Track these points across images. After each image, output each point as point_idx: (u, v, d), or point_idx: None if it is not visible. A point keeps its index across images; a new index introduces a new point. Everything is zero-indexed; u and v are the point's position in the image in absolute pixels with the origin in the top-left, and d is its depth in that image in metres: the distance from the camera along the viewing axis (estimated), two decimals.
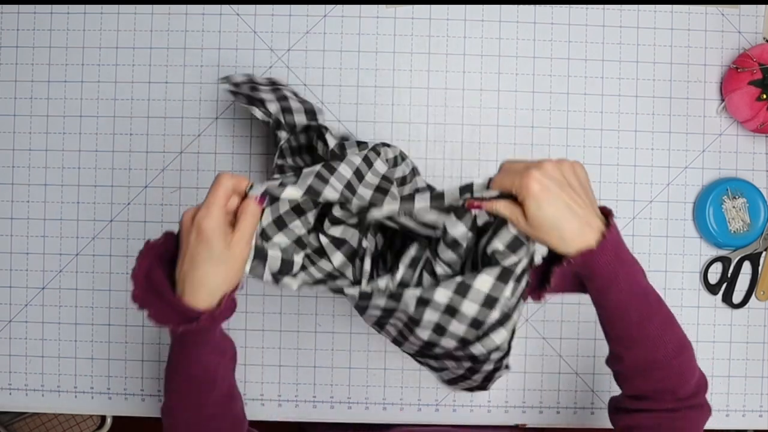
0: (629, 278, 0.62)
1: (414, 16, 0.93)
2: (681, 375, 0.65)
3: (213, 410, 0.67)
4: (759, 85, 0.87)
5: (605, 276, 0.61)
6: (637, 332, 0.64)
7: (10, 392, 0.94)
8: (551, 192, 0.59)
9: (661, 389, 0.65)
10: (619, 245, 0.62)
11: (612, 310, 0.64)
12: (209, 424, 0.68)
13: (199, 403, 0.66)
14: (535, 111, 0.93)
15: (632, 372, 0.67)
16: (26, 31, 0.93)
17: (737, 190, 0.92)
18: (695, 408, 0.67)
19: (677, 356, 0.65)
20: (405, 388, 0.93)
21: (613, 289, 0.62)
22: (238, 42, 0.93)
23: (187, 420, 0.67)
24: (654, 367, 0.65)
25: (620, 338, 0.66)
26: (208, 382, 0.66)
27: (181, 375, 0.66)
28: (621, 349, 0.66)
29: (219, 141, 0.93)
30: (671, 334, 0.65)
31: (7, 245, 0.93)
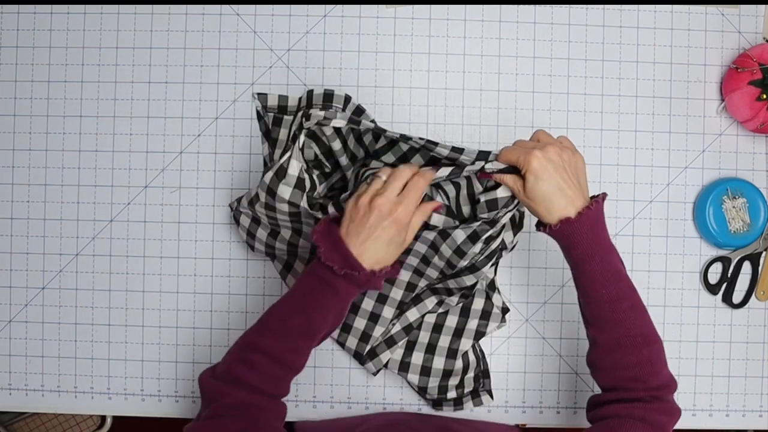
0: (604, 257, 0.71)
1: (414, 16, 0.93)
2: (651, 365, 0.71)
3: (292, 357, 0.72)
4: (759, 85, 0.87)
5: (582, 247, 0.70)
6: (609, 312, 0.71)
7: (10, 392, 0.94)
8: (547, 171, 0.69)
9: (632, 377, 0.70)
10: (598, 224, 0.71)
11: (587, 285, 0.72)
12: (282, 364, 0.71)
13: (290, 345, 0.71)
14: (535, 111, 0.93)
15: (605, 357, 0.72)
16: (26, 31, 0.93)
17: (737, 190, 0.92)
18: (664, 401, 0.71)
19: (647, 345, 0.71)
20: (405, 388, 0.93)
21: (588, 262, 0.71)
22: (238, 42, 0.93)
23: (273, 351, 0.71)
24: (624, 350, 0.71)
25: (594, 319, 0.73)
26: (310, 334, 0.72)
27: (297, 314, 0.71)
28: (595, 332, 0.73)
29: (219, 141, 0.93)
30: (642, 321, 0.72)
31: (7, 245, 0.94)
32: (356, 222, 0.71)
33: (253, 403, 0.70)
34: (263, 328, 0.73)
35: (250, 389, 0.70)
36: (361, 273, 0.70)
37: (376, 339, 0.89)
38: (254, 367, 0.70)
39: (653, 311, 0.92)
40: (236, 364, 0.71)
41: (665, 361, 0.73)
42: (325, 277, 0.71)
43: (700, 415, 0.93)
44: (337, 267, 0.70)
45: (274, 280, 0.93)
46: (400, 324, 0.89)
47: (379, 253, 0.71)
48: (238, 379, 0.70)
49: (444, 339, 0.90)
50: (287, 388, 0.74)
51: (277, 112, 0.91)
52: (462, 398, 0.90)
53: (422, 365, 0.90)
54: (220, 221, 0.93)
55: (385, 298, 0.89)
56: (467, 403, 0.90)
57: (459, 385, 0.90)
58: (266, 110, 0.92)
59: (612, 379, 0.72)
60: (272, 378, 0.71)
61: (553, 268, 0.93)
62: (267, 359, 0.70)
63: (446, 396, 0.89)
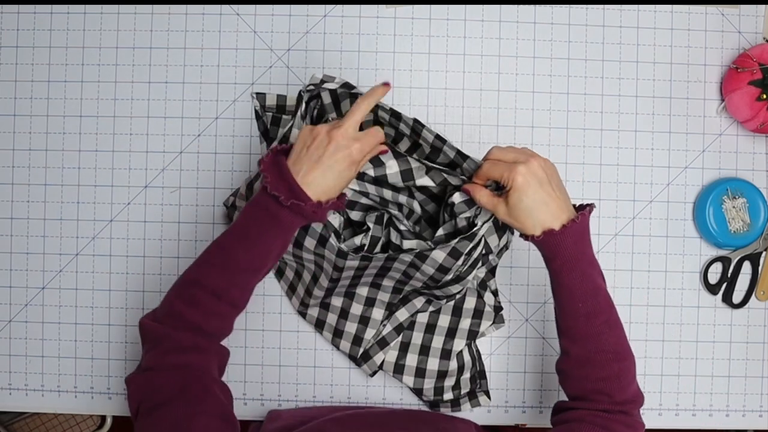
0: (585, 271, 0.71)
1: (414, 16, 0.93)
2: (618, 380, 0.71)
3: (236, 292, 0.71)
4: (759, 85, 0.87)
5: (563, 259, 0.70)
6: (584, 326, 0.71)
7: (10, 392, 0.94)
8: (532, 187, 0.69)
9: (599, 390, 0.71)
10: (583, 237, 0.71)
11: (564, 296, 0.72)
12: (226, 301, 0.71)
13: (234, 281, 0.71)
14: (535, 111, 0.93)
15: (575, 368, 0.73)
16: (26, 31, 0.93)
17: (737, 190, 0.92)
18: (629, 415, 0.72)
19: (618, 361, 0.72)
20: (405, 388, 0.93)
21: (568, 275, 0.71)
22: (238, 42, 0.93)
23: (215, 286, 0.70)
24: (595, 364, 0.71)
25: (568, 330, 0.73)
26: (255, 268, 0.71)
27: (241, 248, 0.70)
28: (568, 343, 0.73)
29: (219, 141, 0.93)
30: (615, 337, 0.72)
31: (7, 245, 0.94)
32: (310, 150, 0.70)
33: (193, 346, 0.69)
34: (205, 263, 0.72)
35: (190, 329, 0.69)
36: (307, 203, 0.68)
37: (368, 341, 0.89)
38: (196, 304, 0.69)
39: (653, 311, 0.93)
40: (177, 301, 0.70)
41: (634, 377, 0.74)
42: (269, 208, 0.69)
43: (700, 415, 0.93)
44: (283, 197, 0.68)
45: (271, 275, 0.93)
46: (391, 324, 0.89)
47: (327, 183, 0.70)
48: (180, 318, 0.69)
49: (437, 339, 0.90)
50: (230, 327, 0.73)
51: (276, 112, 0.91)
52: (459, 399, 0.90)
53: (417, 367, 0.90)
54: (219, 221, 0.93)
55: (373, 300, 0.88)
56: (465, 404, 0.90)
57: (455, 386, 0.90)
58: (265, 110, 0.92)
59: (579, 390, 0.73)
60: (214, 315, 0.70)
61: None
62: (210, 295, 0.70)
63: (443, 397, 0.90)
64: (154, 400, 0.66)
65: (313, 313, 0.91)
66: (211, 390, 0.68)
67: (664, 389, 0.93)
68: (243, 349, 0.93)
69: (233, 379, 0.93)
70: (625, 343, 0.74)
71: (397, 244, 0.80)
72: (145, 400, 0.67)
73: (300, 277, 0.89)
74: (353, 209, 0.83)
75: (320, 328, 0.91)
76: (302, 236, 0.80)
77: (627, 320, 0.93)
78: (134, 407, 0.68)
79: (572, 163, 0.93)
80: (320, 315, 0.90)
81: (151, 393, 0.67)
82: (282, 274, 0.92)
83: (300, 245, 0.81)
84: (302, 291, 0.90)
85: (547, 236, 0.70)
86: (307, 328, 0.93)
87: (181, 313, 0.70)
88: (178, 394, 0.66)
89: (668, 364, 0.93)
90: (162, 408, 0.66)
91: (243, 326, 0.93)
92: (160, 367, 0.68)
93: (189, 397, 0.66)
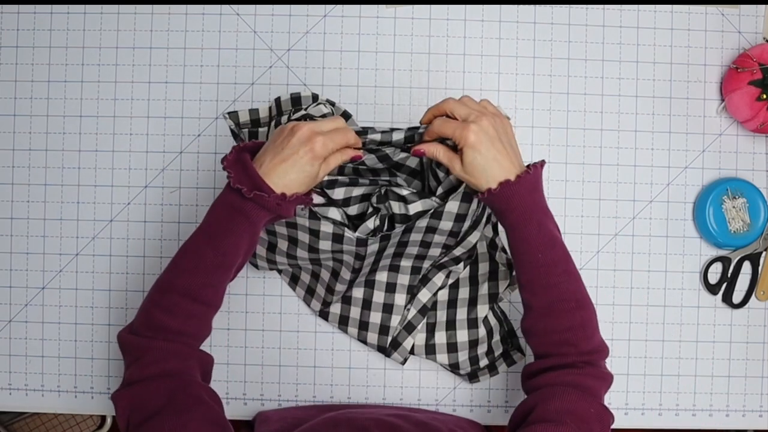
0: (541, 221, 0.72)
1: (414, 16, 0.93)
2: (583, 329, 0.72)
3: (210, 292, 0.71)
4: (759, 85, 0.87)
5: (520, 211, 0.71)
6: (544, 276, 0.72)
7: (10, 392, 0.94)
8: (484, 144, 0.70)
9: (565, 341, 0.72)
10: (536, 189, 0.72)
11: (523, 248, 0.72)
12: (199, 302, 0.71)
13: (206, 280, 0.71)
14: (535, 111, 0.93)
15: (539, 321, 0.73)
16: (26, 31, 0.93)
17: (737, 190, 0.92)
18: (595, 366, 0.73)
19: (580, 309, 0.73)
20: (405, 388, 0.93)
21: (526, 226, 0.71)
22: (238, 42, 0.93)
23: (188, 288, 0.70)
24: (558, 314, 0.72)
25: (529, 283, 0.73)
26: (225, 265, 0.71)
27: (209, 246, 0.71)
28: (530, 296, 0.74)
29: (219, 141, 0.93)
30: (575, 286, 0.73)
31: (7, 245, 0.94)
32: (275, 144, 0.70)
33: (174, 352, 0.69)
34: (176, 268, 0.72)
35: (170, 335, 0.70)
36: (270, 195, 0.68)
37: (395, 328, 0.90)
38: (171, 310, 0.70)
39: (653, 311, 0.93)
40: (154, 310, 0.71)
41: (597, 327, 0.75)
42: (233, 203, 0.70)
43: (700, 415, 0.93)
44: (246, 189, 0.68)
45: (271, 273, 0.93)
46: (415, 308, 0.89)
47: (289, 177, 0.69)
48: (158, 327, 0.70)
49: (461, 311, 0.91)
50: (208, 328, 0.74)
51: (251, 126, 0.91)
52: (495, 363, 0.91)
53: (447, 343, 0.90)
54: None
55: (394, 285, 0.88)
56: (501, 366, 0.91)
57: (489, 352, 0.91)
58: (240, 127, 0.91)
59: (545, 344, 0.74)
60: (191, 317, 0.71)
61: None
62: (184, 299, 0.70)
63: (479, 365, 0.91)
64: (142, 414, 0.66)
65: (335, 310, 0.91)
66: (199, 396, 0.68)
67: (664, 389, 0.93)
68: (243, 349, 0.93)
69: (233, 379, 0.93)
70: (585, 292, 0.74)
71: (403, 213, 0.79)
72: (133, 415, 0.67)
73: (318, 277, 0.90)
74: (349, 205, 0.83)
75: (344, 325, 0.91)
76: (315, 242, 0.80)
77: (627, 320, 0.93)
78: (124, 425, 0.67)
79: (572, 163, 0.93)
80: (343, 311, 0.91)
81: (139, 407, 0.67)
82: (297, 279, 0.92)
83: (316, 250, 0.81)
84: (323, 290, 0.90)
85: (503, 188, 0.70)
86: (308, 329, 0.93)
87: (157, 321, 0.70)
88: (166, 404, 0.66)
89: (668, 364, 0.93)
90: (151, 420, 0.65)
91: (243, 326, 0.93)
92: (144, 379, 0.68)
93: (177, 405, 0.66)
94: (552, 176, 0.93)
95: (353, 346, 0.93)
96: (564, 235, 0.93)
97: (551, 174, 0.93)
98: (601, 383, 0.72)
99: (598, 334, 0.75)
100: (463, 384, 0.93)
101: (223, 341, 0.93)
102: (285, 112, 0.89)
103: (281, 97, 0.89)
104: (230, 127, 0.91)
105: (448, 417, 0.90)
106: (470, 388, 0.93)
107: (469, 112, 0.71)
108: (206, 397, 0.68)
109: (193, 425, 0.65)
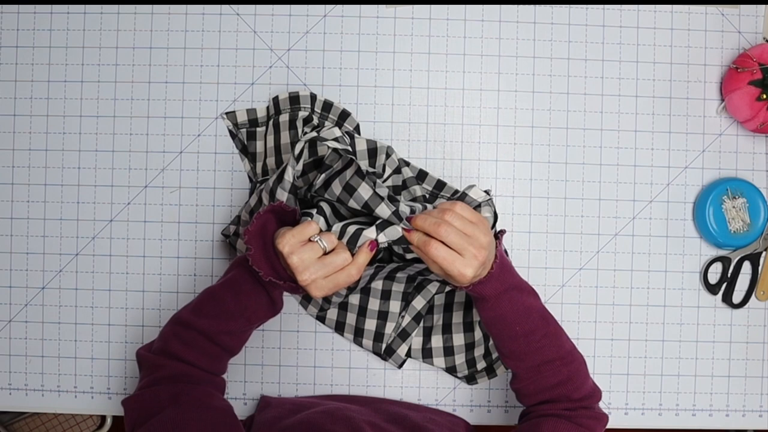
0: (513, 298, 0.73)
1: (414, 16, 0.93)
2: (572, 381, 0.74)
3: (227, 339, 0.73)
4: (759, 85, 0.87)
5: (492, 299, 0.72)
6: (525, 344, 0.73)
7: (10, 392, 0.94)
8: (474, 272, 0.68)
9: (556, 396, 0.74)
10: (504, 271, 0.73)
11: (499, 324, 0.74)
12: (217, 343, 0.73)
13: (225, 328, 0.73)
14: (535, 111, 0.93)
15: (528, 384, 0.75)
16: (26, 31, 0.93)
17: (737, 190, 0.92)
18: (590, 409, 0.75)
19: (566, 365, 0.74)
20: (405, 388, 0.93)
21: (497, 306, 0.73)
22: (238, 42, 0.93)
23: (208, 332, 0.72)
24: (545, 374, 0.74)
25: (512, 353, 0.75)
26: (244, 319, 0.73)
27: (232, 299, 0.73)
28: (515, 363, 0.75)
29: (219, 141, 0.93)
30: (557, 347, 0.75)
31: (7, 245, 0.94)
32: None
33: (187, 373, 0.71)
34: (197, 310, 0.74)
35: (185, 363, 0.72)
36: (285, 283, 0.70)
37: (390, 336, 0.90)
38: (189, 344, 0.72)
39: (653, 311, 0.93)
40: (172, 340, 0.73)
41: (587, 374, 0.77)
42: (253, 275, 0.72)
43: (700, 415, 0.93)
44: (263, 273, 0.70)
45: None
46: (409, 315, 0.90)
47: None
48: (174, 354, 0.72)
49: (457, 315, 0.91)
50: (223, 367, 0.76)
51: (249, 126, 0.92)
52: (493, 365, 0.91)
53: (443, 346, 0.91)
54: (219, 221, 0.93)
55: (389, 293, 0.89)
56: (499, 368, 0.91)
57: (486, 354, 0.91)
58: (238, 127, 0.92)
59: (537, 401, 0.76)
60: (207, 355, 0.73)
61: (553, 268, 0.93)
62: (202, 338, 0.72)
63: (477, 368, 0.91)
64: (147, 415, 0.68)
65: (332, 316, 0.91)
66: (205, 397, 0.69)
67: (664, 389, 0.93)
68: (243, 349, 0.93)
69: (233, 379, 0.93)
70: (569, 346, 0.76)
71: (400, 253, 0.80)
72: (140, 415, 0.68)
73: None
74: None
75: (341, 331, 0.92)
76: None
77: (627, 320, 0.93)
78: (130, 426, 0.69)
79: (572, 163, 0.93)
80: (339, 317, 0.91)
81: (146, 406, 0.69)
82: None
83: None
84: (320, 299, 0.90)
85: (475, 287, 0.71)
86: (308, 328, 0.93)
87: (174, 351, 0.72)
88: (171, 402, 0.68)
89: (668, 364, 0.93)
90: (154, 417, 0.67)
91: None
92: (153, 385, 0.70)
93: (181, 403, 0.67)
94: (552, 176, 0.93)
95: (353, 346, 0.93)
96: (564, 235, 0.93)
97: (551, 174, 0.93)
98: (596, 423, 0.74)
99: (589, 381, 0.76)
100: (463, 384, 0.93)
101: None
102: (283, 110, 0.89)
103: (279, 96, 0.89)
104: (228, 127, 0.91)
105: (444, 417, 0.90)
106: (470, 389, 0.93)
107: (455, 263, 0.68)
108: (215, 401, 0.69)
109: (194, 425, 0.65)
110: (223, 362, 0.75)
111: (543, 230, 0.93)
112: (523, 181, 0.93)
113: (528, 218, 0.93)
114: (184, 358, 0.72)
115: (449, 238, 0.67)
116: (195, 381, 0.72)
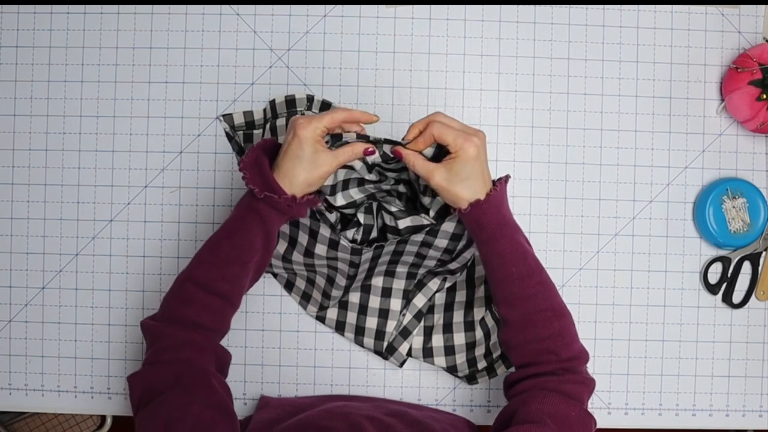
0: (512, 236, 0.73)
1: (414, 16, 0.93)
2: (562, 337, 0.73)
3: (224, 285, 0.74)
4: (759, 85, 0.87)
5: (491, 227, 0.72)
6: (519, 288, 0.73)
7: (10, 392, 0.94)
8: (479, 159, 0.71)
9: (545, 349, 0.73)
10: (503, 204, 0.74)
11: (497, 263, 0.73)
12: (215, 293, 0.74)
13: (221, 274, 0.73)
14: (535, 111, 0.93)
15: (518, 333, 0.74)
16: (26, 31, 0.93)
17: (737, 190, 0.92)
18: (576, 373, 0.73)
19: (557, 318, 0.74)
20: (405, 388, 0.93)
21: (498, 241, 0.73)
22: (238, 42, 0.93)
23: (204, 280, 0.73)
24: (536, 324, 0.73)
25: (505, 297, 0.74)
26: (240, 261, 0.73)
27: (227, 241, 0.74)
28: (507, 309, 0.74)
29: (219, 141, 0.93)
30: (550, 296, 0.74)
31: (7, 245, 0.94)
32: (284, 142, 0.73)
33: (189, 341, 0.72)
34: (195, 261, 0.75)
35: (186, 325, 0.72)
36: (281, 197, 0.71)
37: (391, 334, 0.90)
38: (188, 300, 0.73)
39: (653, 311, 0.93)
40: (172, 300, 0.74)
41: (576, 334, 0.75)
42: (249, 203, 0.73)
43: (700, 415, 0.93)
44: (258, 190, 0.71)
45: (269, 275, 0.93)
46: (410, 313, 0.90)
47: (288, 169, 0.71)
48: (175, 315, 0.73)
49: (458, 314, 0.91)
50: (226, 324, 0.76)
51: (246, 129, 0.92)
52: (494, 365, 0.91)
53: (444, 346, 0.91)
54: (219, 221, 0.93)
55: (389, 290, 0.89)
56: (499, 368, 0.91)
57: (487, 354, 0.91)
58: (234, 130, 0.92)
59: (525, 355, 0.74)
60: (207, 309, 0.73)
61: (554, 268, 0.93)
62: (200, 290, 0.73)
63: (477, 367, 0.91)
64: (151, 392, 0.69)
65: (332, 315, 0.91)
66: (206, 380, 0.70)
67: (664, 389, 0.93)
68: (243, 349, 0.93)
69: (233, 379, 0.93)
70: (561, 301, 0.76)
71: (392, 225, 0.80)
72: (144, 394, 0.69)
73: (314, 284, 0.90)
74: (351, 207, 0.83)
75: (341, 330, 0.92)
76: (312, 244, 0.80)
77: (627, 320, 0.93)
78: (135, 403, 0.70)
79: (572, 163, 0.93)
80: (339, 316, 0.91)
81: (149, 386, 0.70)
82: (292, 286, 0.92)
83: (311, 254, 0.82)
84: (319, 295, 0.90)
85: (474, 208, 0.72)
86: (308, 328, 0.93)
87: (174, 311, 0.73)
88: (173, 384, 0.68)
89: (668, 364, 0.93)
90: (158, 398, 0.68)
91: (243, 326, 0.93)
92: (157, 362, 0.71)
93: (183, 386, 0.68)
94: (552, 176, 0.93)
95: (353, 346, 0.93)
96: (564, 235, 0.93)
97: (551, 174, 0.93)
98: (583, 388, 0.73)
99: (578, 342, 0.75)
100: (463, 384, 0.93)
101: (224, 341, 0.93)
102: (280, 114, 0.89)
103: (276, 100, 0.89)
104: (225, 129, 0.91)
105: (444, 416, 0.90)
106: (470, 388, 0.93)
107: (464, 127, 0.72)
108: (215, 383, 0.70)
109: (195, 407, 0.66)
110: (224, 317, 0.75)
111: (543, 230, 0.93)
112: (523, 181, 0.93)
113: (528, 218, 0.93)
114: (184, 317, 0.72)
115: (440, 118, 0.72)
116: (196, 350, 0.72)
